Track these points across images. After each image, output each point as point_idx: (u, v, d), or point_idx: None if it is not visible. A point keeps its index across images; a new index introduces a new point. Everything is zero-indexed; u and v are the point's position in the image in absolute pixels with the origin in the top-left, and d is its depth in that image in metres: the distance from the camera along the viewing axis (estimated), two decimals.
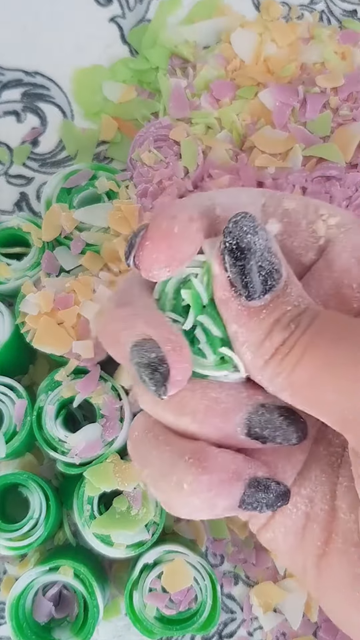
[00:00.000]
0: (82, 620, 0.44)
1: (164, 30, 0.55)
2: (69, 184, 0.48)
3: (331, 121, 0.50)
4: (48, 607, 0.44)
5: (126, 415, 0.44)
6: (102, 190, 0.48)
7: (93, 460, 0.43)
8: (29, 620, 0.44)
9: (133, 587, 0.43)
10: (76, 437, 0.43)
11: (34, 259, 0.47)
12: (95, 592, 0.43)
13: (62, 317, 0.44)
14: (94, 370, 0.44)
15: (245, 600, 0.48)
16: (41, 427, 0.44)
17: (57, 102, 0.55)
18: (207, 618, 0.43)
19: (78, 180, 0.48)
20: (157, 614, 0.44)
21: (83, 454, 0.43)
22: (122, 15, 0.56)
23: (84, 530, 0.43)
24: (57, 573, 0.43)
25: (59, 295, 0.44)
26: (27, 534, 0.43)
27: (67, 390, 0.44)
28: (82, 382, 0.44)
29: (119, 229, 0.46)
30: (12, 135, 0.54)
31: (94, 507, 0.43)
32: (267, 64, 0.52)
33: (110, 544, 0.43)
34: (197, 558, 0.43)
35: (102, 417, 0.44)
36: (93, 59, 0.56)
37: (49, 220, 0.47)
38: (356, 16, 0.57)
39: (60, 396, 0.44)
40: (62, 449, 0.43)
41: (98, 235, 0.47)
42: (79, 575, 0.44)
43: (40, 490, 0.44)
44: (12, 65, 0.55)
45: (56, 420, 0.44)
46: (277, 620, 0.47)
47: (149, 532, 0.43)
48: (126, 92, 0.54)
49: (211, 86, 0.52)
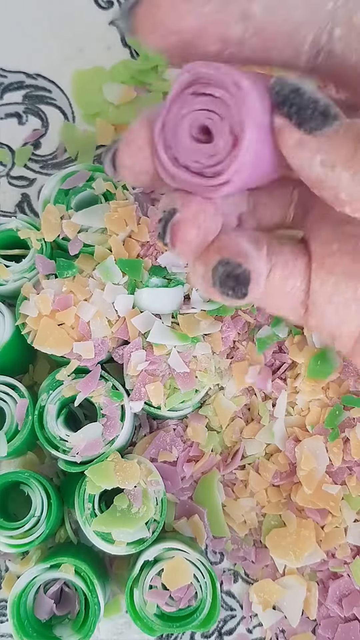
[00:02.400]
0: (83, 618, 0.44)
1: None
2: (66, 185, 0.48)
3: None
4: (49, 605, 0.44)
5: (127, 415, 0.44)
6: (99, 192, 0.48)
7: (94, 459, 0.43)
8: (30, 618, 0.44)
9: (134, 584, 0.43)
10: (77, 436, 0.43)
11: (32, 260, 0.46)
12: (96, 589, 0.43)
13: (61, 319, 0.44)
14: (94, 370, 0.44)
15: (244, 597, 0.48)
16: (43, 426, 0.44)
17: (58, 104, 0.55)
18: (206, 615, 0.43)
19: (75, 181, 0.48)
20: (158, 611, 0.44)
21: (84, 452, 0.43)
22: None
23: (85, 528, 0.43)
24: (59, 571, 0.43)
25: (57, 296, 0.44)
26: (29, 532, 0.43)
27: (69, 390, 0.44)
28: (83, 382, 0.44)
29: (115, 229, 0.46)
30: (14, 137, 0.54)
31: (95, 505, 0.43)
32: None
33: (111, 542, 0.43)
34: (197, 555, 0.43)
35: (102, 417, 0.44)
36: (94, 61, 0.55)
37: (47, 220, 0.46)
38: None
39: (61, 395, 0.44)
40: (64, 447, 0.43)
41: (96, 236, 0.46)
42: (80, 572, 0.43)
43: (41, 489, 0.43)
44: (13, 67, 0.55)
45: (57, 420, 0.44)
46: (276, 618, 0.47)
47: (149, 530, 0.43)
48: (126, 93, 0.54)
49: None
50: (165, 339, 0.45)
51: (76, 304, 0.44)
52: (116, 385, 0.45)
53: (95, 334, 0.44)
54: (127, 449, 0.48)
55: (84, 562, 0.43)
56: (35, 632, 0.43)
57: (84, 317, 0.44)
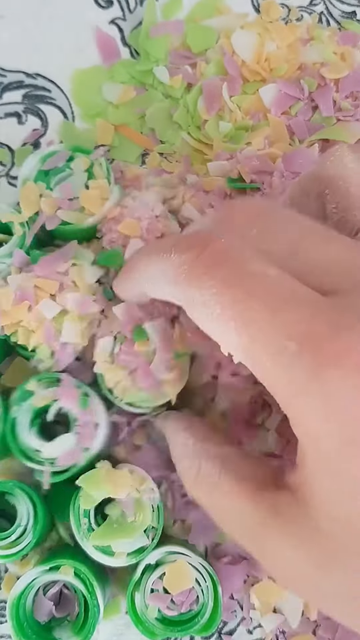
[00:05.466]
0: (82, 620, 0.43)
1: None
2: (47, 166, 0.46)
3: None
4: (48, 607, 0.43)
5: (101, 419, 0.42)
6: (78, 171, 0.46)
7: (71, 467, 0.42)
8: (30, 620, 0.42)
9: (135, 588, 0.42)
10: (51, 447, 0.41)
11: (12, 247, 0.44)
12: (95, 591, 0.42)
13: (18, 316, 0.41)
14: (66, 378, 0.42)
15: (245, 598, 0.47)
16: (15, 438, 0.41)
17: (58, 104, 0.54)
18: (208, 620, 0.42)
19: (56, 161, 0.46)
20: (159, 615, 0.42)
21: (61, 462, 0.41)
22: (122, 17, 0.55)
23: (84, 544, 0.42)
24: (58, 572, 0.42)
25: (19, 291, 0.41)
26: (16, 542, 0.42)
27: (40, 400, 0.42)
28: (60, 392, 0.41)
29: (91, 208, 0.45)
30: (13, 137, 0.53)
31: (91, 519, 0.42)
32: (268, 63, 0.51)
33: (111, 554, 0.41)
34: (198, 559, 0.42)
35: (76, 424, 0.42)
36: (94, 60, 0.54)
37: (25, 196, 0.45)
38: (355, 17, 0.55)
39: (33, 406, 0.42)
40: (38, 458, 0.41)
41: (74, 214, 0.45)
42: (79, 574, 0.42)
43: (27, 498, 0.42)
44: (13, 67, 0.54)
45: (30, 430, 0.42)
46: (277, 620, 0.46)
47: (149, 538, 0.42)
48: (125, 92, 0.52)
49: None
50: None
51: (39, 300, 0.42)
52: (87, 392, 0.42)
53: (65, 337, 0.42)
54: (110, 448, 0.46)
55: (83, 564, 0.42)
56: (34, 633, 0.42)
57: (47, 316, 0.41)
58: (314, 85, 0.50)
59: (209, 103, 0.50)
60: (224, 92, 0.50)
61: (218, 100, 0.50)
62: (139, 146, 0.52)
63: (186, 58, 0.53)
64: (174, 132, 0.52)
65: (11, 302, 0.41)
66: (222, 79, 0.51)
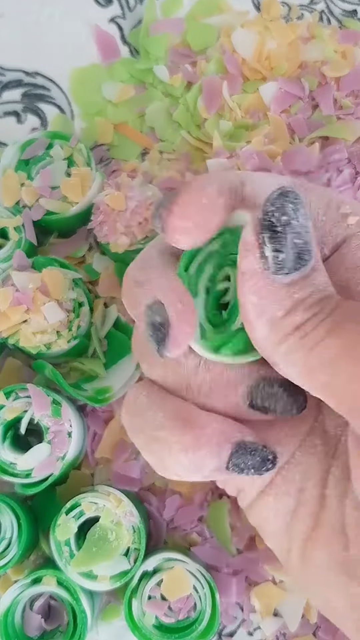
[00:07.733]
0: (72, 628, 0.41)
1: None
2: (26, 155, 0.45)
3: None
4: (37, 620, 0.42)
5: (74, 425, 0.41)
6: (57, 159, 0.45)
7: (49, 477, 0.40)
8: (21, 636, 0.41)
9: (132, 594, 0.41)
10: (26, 459, 0.40)
11: (9, 252, 0.43)
12: (80, 597, 0.41)
13: (14, 318, 0.40)
14: (32, 388, 0.41)
15: (245, 600, 0.45)
16: None
17: (57, 103, 0.52)
18: (205, 627, 0.41)
19: (35, 150, 0.45)
20: (156, 622, 0.41)
21: (37, 473, 0.40)
22: (122, 15, 0.54)
23: (67, 571, 0.40)
24: (41, 584, 0.41)
25: (17, 294, 0.40)
26: (1, 555, 0.40)
27: (10, 413, 0.40)
28: (34, 404, 0.40)
29: (72, 197, 0.44)
30: (13, 136, 0.51)
31: (72, 546, 0.41)
32: (268, 62, 0.50)
33: (94, 578, 0.40)
34: (196, 566, 0.41)
35: (48, 433, 0.40)
36: (93, 59, 0.53)
37: (6, 185, 0.44)
38: (356, 16, 0.54)
39: (3, 419, 0.40)
40: (14, 471, 0.40)
41: (57, 203, 0.44)
42: (62, 583, 0.41)
43: (10, 510, 0.40)
44: (12, 65, 0.53)
45: (4, 444, 0.41)
46: (277, 623, 0.44)
47: (130, 560, 0.40)
48: (124, 91, 0.51)
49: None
50: None
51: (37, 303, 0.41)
52: (57, 400, 0.41)
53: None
54: (84, 452, 0.45)
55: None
56: None
57: (50, 319, 0.41)
58: (315, 84, 0.49)
59: (208, 101, 0.49)
60: (224, 91, 0.49)
61: (218, 99, 0.49)
62: (138, 145, 0.51)
63: (186, 56, 0.52)
64: (173, 130, 0.51)
65: (8, 303, 0.40)
66: (222, 77, 0.50)
